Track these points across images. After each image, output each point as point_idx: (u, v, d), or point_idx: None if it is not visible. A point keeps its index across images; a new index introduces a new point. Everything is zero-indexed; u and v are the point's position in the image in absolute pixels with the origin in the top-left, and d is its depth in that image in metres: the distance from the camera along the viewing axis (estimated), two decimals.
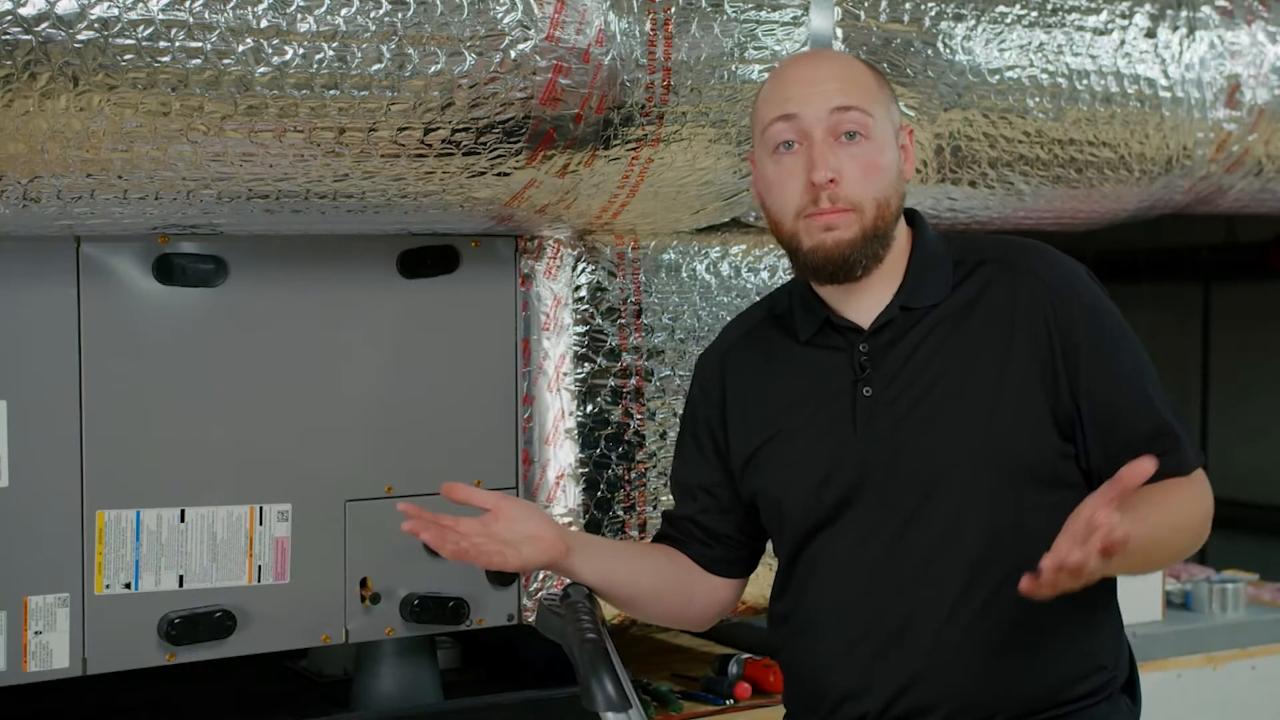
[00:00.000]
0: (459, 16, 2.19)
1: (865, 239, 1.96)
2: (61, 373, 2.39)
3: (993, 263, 2.01)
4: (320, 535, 2.57)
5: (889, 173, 1.98)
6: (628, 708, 1.91)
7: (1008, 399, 1.94)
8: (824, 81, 1.99)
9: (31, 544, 2.37)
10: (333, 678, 2.95)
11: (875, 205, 1.96)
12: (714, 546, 2.17)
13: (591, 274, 2.71)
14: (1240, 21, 3.19)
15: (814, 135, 1.95)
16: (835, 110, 1.96)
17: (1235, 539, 6.22)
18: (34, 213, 2.19)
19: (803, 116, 1.96)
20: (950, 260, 2.03)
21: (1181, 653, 3.37)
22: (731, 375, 2.13)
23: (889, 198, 1.98)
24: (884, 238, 1.98)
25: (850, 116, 1.96)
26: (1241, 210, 3.54)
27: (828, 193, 1.94)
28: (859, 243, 1.95)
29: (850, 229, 1.95)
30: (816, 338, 2.04)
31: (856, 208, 1.95)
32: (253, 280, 2.52)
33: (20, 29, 1.93)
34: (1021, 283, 1.97)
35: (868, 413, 1.98)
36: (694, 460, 2.17)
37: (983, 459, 1.93)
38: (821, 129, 1.95)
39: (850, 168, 1.95)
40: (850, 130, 1.95)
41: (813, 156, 1.95)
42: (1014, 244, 2.04)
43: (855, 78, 2.00)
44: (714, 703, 2.91)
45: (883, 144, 1.98)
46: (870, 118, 1.96)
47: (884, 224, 1.97)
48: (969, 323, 1.98)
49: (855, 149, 1.96)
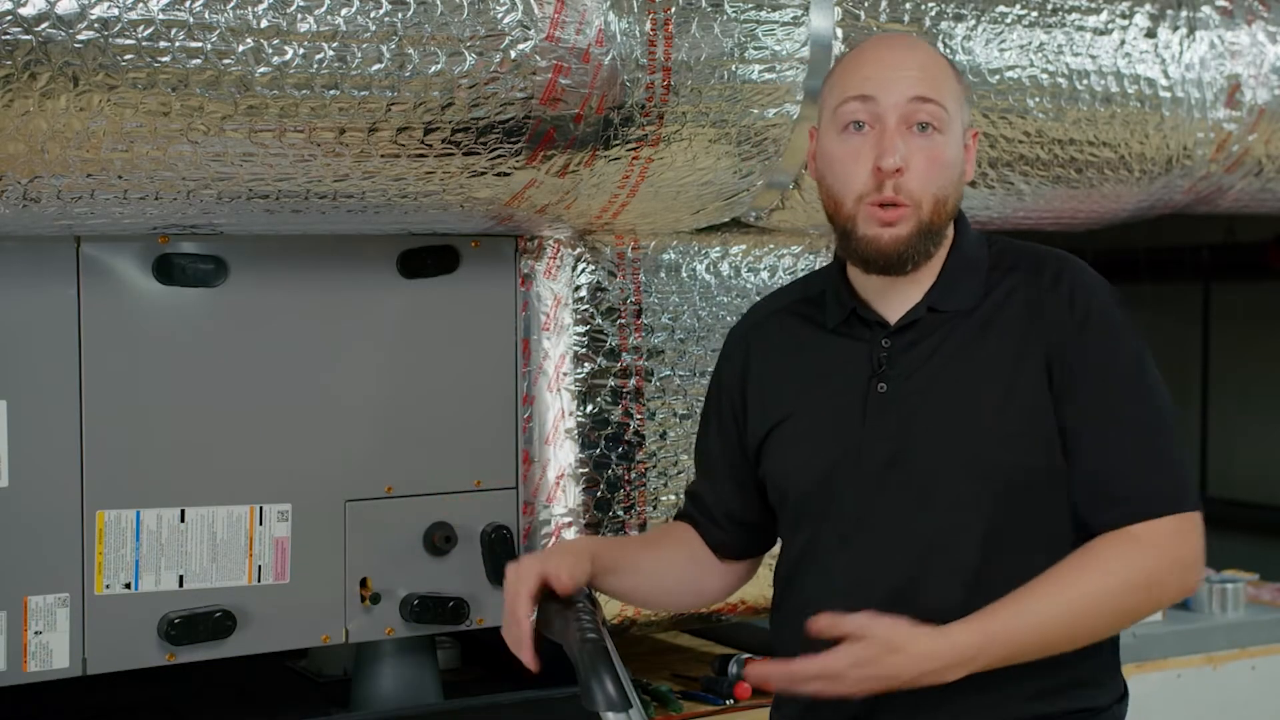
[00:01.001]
0: (459, 16, 2.19)
1: (920, 235, 1.94)
2: (61, 373, 2.39)
3: (1022, 272, 1.99)
4: (320, 535, 2.57)
5: (953, 170, 1.97)
6: (628, 708, 1.91)
7: (1014, 413, 1.93)
8: (907, 68, 1.97)
9: (31, 544, 2.37)
10: (333, 678, 2.95)
11: (934, 201, 1.94)
12: (726, 529, 2.17)
13: (591, 274, 2.71)
14: (1240, 21, 3.19)
15: (888, 120, 1.94)
16: (914, 99, 1.94)
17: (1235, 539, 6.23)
18: (34, 213, 2.19)
19: (880, 100, 1.94)
20: (985, 265, 2.01)
21: (1181, 653, 3.37)
22: (755, 354, 2.13)
23: (948, 196, 1.96)
24: (937, 235, 1.97)
25: (927, 108, 1.94)
26: (1241, 210, 3.54)
27: (893, 181, 1.92)
28: (913, 239, 1.94)
29: (907, 225, 1.94)
30: (842, 326, 2.04)
31: (915, 202, 1.93)
32: (253, 280, 2.52)
33: (20, 29, 1.93)
34: (1042, 297, 1.96)
35: (878, 408, 1.98)
36: (714, 431, 2.18)
37: (981, 470, 1.93)
38: (896, 115, 1.93)
39: (918, 160, 1.93)
40: (924, 122, 1.94)
41: (884, 142, 1.93)
42: (1047, 256, 2.02)
43: (938, 70, 1.98)
44: (714, 703, 2.91)
45: (952, 140, 1.96)
46: (945, 112, 1.95)
47: (939, 221, 1.96)
48: (989, 332, 1.97)
49: (925, 141, 1.94)
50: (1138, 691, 2.10)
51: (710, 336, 2.79)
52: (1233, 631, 3.49)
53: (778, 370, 2.10)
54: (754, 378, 2.12)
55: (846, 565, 1.98)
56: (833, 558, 2.00)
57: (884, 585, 1.95)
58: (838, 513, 1.99)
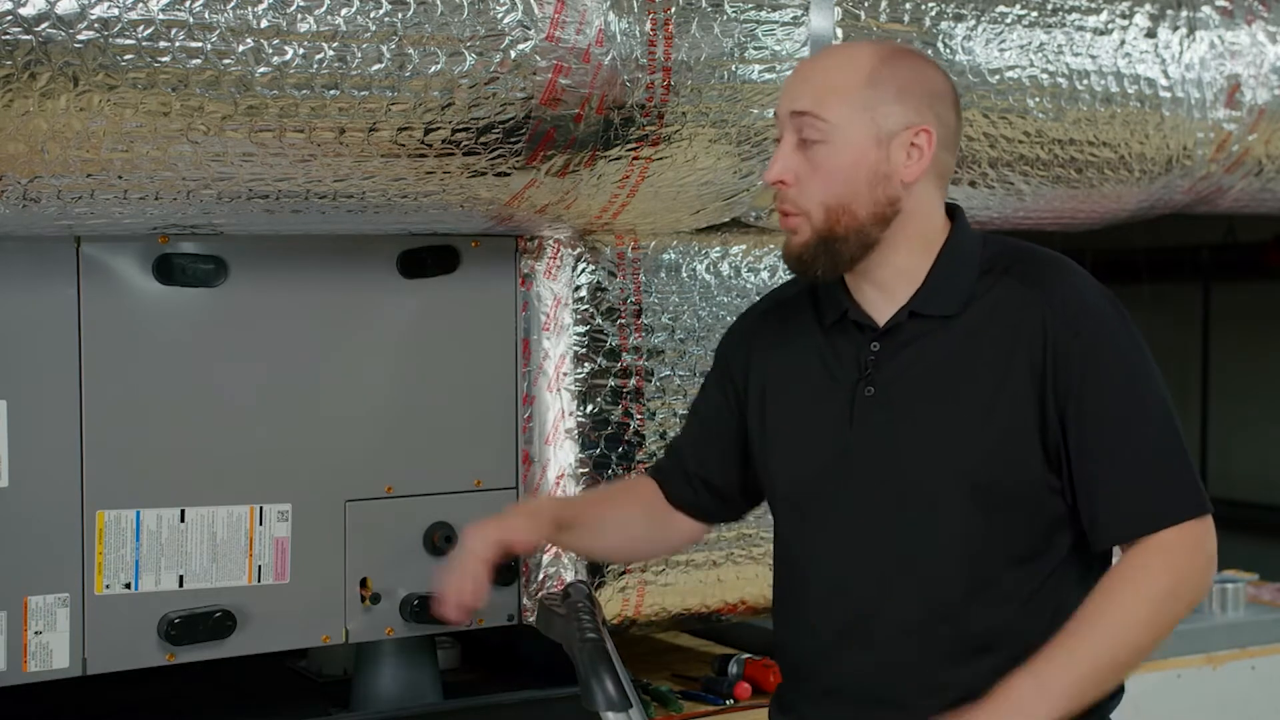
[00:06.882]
0: (459, 16, 2.19)
1: (819, 242, 1.95)
2: (61, 373, 2.39)
3: (1015, 275, 1.97)
4: (320, 535, 2.57)
5: (850, 177, 1.93)
6: (628, 708, 1.92)
7: (997, 422, 1.92)
8: (797, 81, 1.99)
9: (31, 544, 2.37)
10: (333, 678, 2.95)
11: (825, 210, 1.93)
12: (695, 489, 2.21)
13: (591, 274, 2.71)
14: (1240, 21, 3.19)
15: (782, 134, 1.97)
16: (794, 114, 1.96)
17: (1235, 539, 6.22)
18: (34, 213, 2.19)
19: (779, 114, 1.99)
20: (976, 269, 1.99)
21: (1181, 653, 3.36)
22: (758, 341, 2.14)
23: (847, 203, 1.93)
24: (846, 241, 1.95)
25: (804, 121, 1.94)
26: (1241, 210, 3.54)
27: (780, 192, 1.96)
28: (811, 245, 1.95)
29: (802, 233, 1.96)
30: (836, 326, 2.05)
31: (802, 212, 1.95)
32: (253, 280, 2.52)
33: (20, 29, 1.93)
34: (1033, 302, 1.93)
35: (864, 411, 1.98)
36: (713, 395, 2.20)
37: (956, 479, 1.92)
38: (786, 128, 1.97)
39: (804, 171, 1.94)
40: (806, 137, 1.94)
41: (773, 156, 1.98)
42: (1041, 259, 2.00)
43: (828, 78, 1.96)
44: (714, 703, 2.91)
45: (843, 148, 1.93)
46: (827, 124, 1.93)
47: (842, 229, 1.94)
48: (978, 338, 1.95)
49: (811, 153, 1.94)
50: (1137, 691, 2.10)
51: (710, 336, 2.79)
52: (1233, 631, 3.49)
53: (778, 359, 2.10)
54: (756, 366, 2.13)
55: (829, 567, 2.00)
56: (816, 558, 2.01)
57: (863, 588, 1.97)
58: (822, 513, 2.01)
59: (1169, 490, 1.91)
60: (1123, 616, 1.87)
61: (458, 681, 2.92)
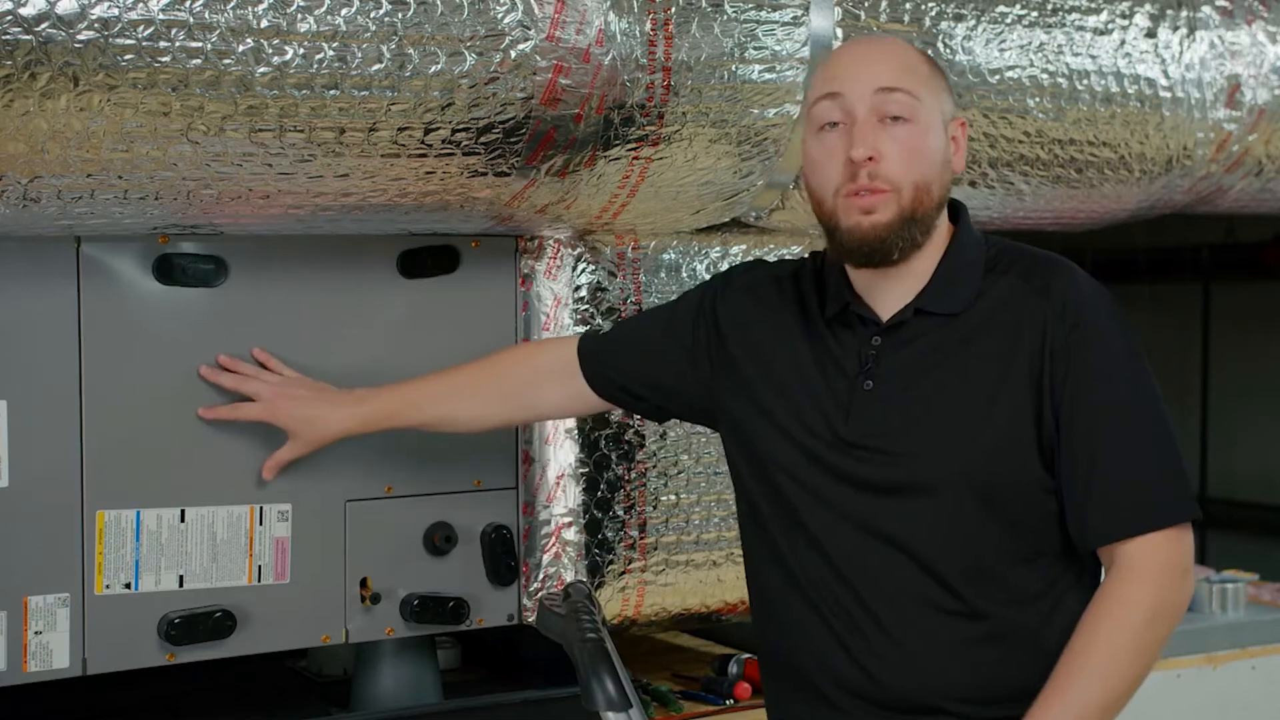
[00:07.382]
0: (459, 16, 2.19)
1: (903, 222, 1.94)
2: (61, 373, 2.39)
3: (1017, 276, 1.98)
4: (320, 535, 2.57)
5: (933, 158, 1.96)
6: (628, 707, 1.92)
7: (995, 422, 1.93)
8: (872, 62, 1.98)
9: (31, 544, 2.37)
10: (333, 678, 2.95)
11: (914, 188, 1.94)
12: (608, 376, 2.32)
13: (591, 274, 2.71)
14: (1240, 21, 3.19)
15: (857, 114, 1.94)
16: (880, 90, 1.94)
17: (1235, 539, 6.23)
18: (34, 213, 2.19)
19: (847, 95, 1.95)
20: (981, 267, 2.00)
21: (1181, 653, 3.37)
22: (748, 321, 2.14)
23: (930, 183, 1.95)
24: (923, 223, 1.96)
25: (895, 98, 1.94)
26: (1241, 210, 3.54)
27: (867, 170, 1.92)
28: (896, 225, 1.94)
29: (888, 210, 1.93)
30: (838, 318, 2.04)
31: (895, 188, 1.93)
32: (253, 280, 2.52)
33: (20, 29, 1.93)
34: (1033, 302, 1.95)
35: (862, 405, 1.98)
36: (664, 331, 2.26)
37: (953, 477, 1.93)
38: (865, 108, 1.94)
39: (891, 149, 1.93)
40: (894, 113, 1.94)
41: (853, 134, 1.94)
42: (1042, 260, 2.01)
43: (904, 61, 1.98)
44: (714, 703, 2.91)
45: (928, 128, 1.95)
46: (916, 101, 1.94)
47: (923, 209, 1.95)
48: (978, 337, 1.96)
49: (898, 130, 1.94)
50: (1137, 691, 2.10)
51: None
52: (1233, 631, 3.49)
53: (770, 348, 2.09)
54: (743, 345, 2.12)
55: (819, 558, 2.00)
56: (803, 550, 2.01)
57: (853, 583, 1.97)
58: (814, 504, 2.00)
59: (1151, 495, 1.92)
60: (1109, 650, 1.88)
61: (458, 681, 2.92)
